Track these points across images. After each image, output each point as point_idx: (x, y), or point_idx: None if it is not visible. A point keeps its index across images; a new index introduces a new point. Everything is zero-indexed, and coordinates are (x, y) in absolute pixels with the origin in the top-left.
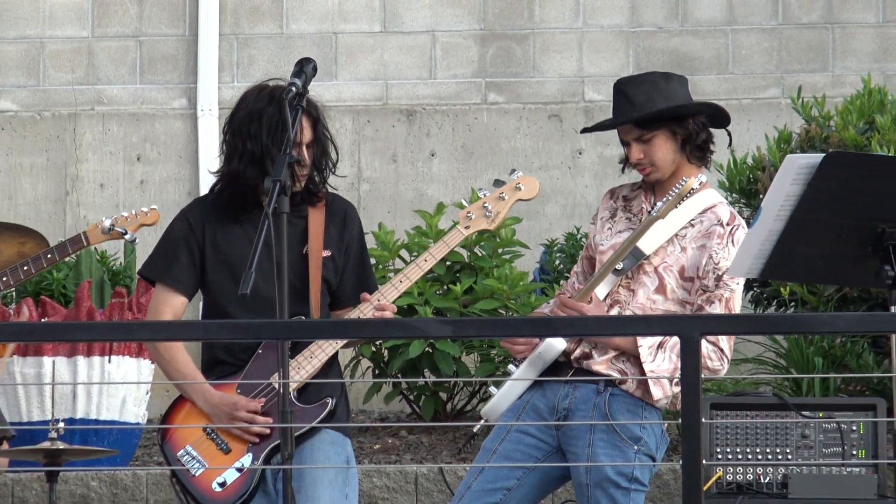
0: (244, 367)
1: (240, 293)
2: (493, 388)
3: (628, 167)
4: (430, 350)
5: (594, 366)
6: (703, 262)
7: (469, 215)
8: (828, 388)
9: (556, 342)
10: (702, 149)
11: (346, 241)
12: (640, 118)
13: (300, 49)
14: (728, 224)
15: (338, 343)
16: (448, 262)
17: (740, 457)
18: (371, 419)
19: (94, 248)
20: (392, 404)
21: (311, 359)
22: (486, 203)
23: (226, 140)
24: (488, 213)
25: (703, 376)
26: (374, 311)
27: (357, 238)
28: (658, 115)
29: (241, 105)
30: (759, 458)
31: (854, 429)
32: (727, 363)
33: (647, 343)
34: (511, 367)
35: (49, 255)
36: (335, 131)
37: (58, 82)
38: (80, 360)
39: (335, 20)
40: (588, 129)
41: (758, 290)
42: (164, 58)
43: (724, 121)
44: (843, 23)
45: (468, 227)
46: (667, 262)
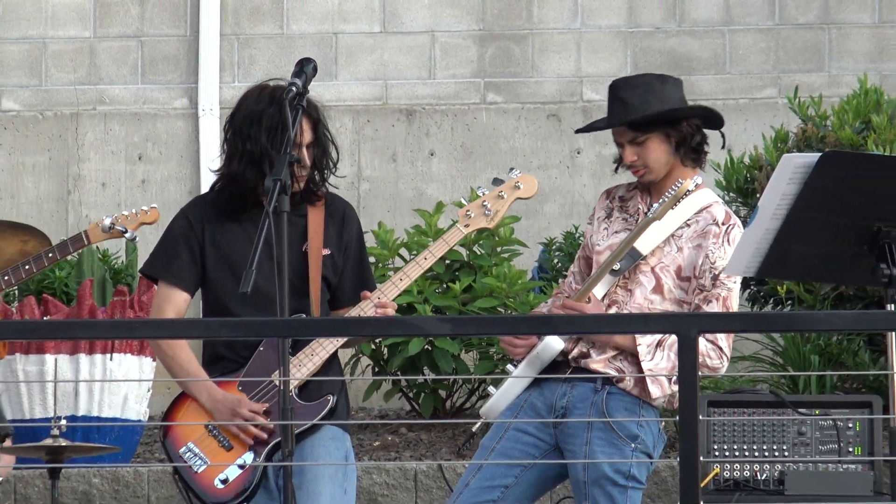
0: (245, 364)
1: (240, 291)
2: (491, 388)
3: (622, 168)
4: (429, 348)
5: (592, 365)
6: (700, 262)
7: (468, 214)
8: (824, 385)
9: (554, 342)
10: (696, 151)
11: (345, 241)
12: (633, 121)
13: (300, 49)
14: (724, 223)
15: (338, 341)
16: (447, 261)
17: (737, 454)
18: (371, 416)
19: (96, 247)
20: (392, 402)
21: (311, 356)
22: (485, 202)
23: (226, 140)
24: (487, 211)
25: (702, 374)
26: (375, 308)
27: (356, 238)
28: (651, 119)
29: (241, 106)
30: (756, 455)
31: (850, 426)
32: (727, 362)
33: (646, 342)
34: (510, 367)
35: (50, 254)
36: (335, 131)
37: (60, 82)
38: (83, 358)
39: (335, 20)
40: (582, 130)
41: (754, 288)
42: (165, 58)
43: (718, 123)
44: (839, 23)
45: (467, 226)
46: (663, 263)
